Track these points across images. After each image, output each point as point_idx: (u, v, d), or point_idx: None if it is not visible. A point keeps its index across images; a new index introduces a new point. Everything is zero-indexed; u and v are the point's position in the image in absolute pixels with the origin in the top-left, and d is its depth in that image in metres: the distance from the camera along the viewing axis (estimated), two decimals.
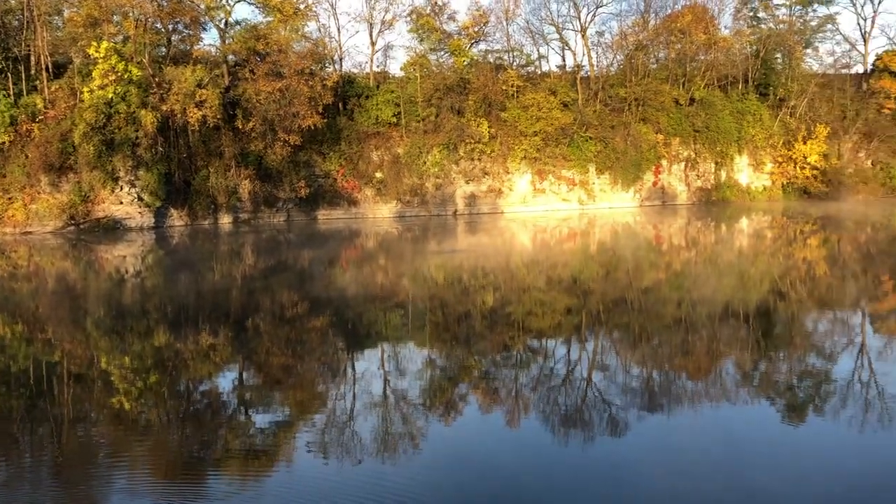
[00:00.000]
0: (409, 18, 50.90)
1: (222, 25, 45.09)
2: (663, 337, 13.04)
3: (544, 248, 29.10)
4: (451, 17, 51.41)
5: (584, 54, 54.50)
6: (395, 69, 60.10)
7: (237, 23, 45.65)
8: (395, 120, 47.34)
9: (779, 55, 59.25)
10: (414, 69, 48.65)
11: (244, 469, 7.49)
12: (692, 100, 54.06)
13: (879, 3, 63.53)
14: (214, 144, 41.99)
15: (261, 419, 9.13)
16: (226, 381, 11.15)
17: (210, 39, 62.69)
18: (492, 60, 51.62)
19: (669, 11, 55.83)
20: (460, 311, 16.03)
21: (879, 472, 6.98)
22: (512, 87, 48.63)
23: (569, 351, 12.42)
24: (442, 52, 51.00)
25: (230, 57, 44.09)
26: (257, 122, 40.68)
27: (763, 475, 6.90)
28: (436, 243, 31.59)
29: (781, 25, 60.66)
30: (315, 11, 46.81)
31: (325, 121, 43.18)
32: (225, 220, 41.82)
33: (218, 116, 39.90)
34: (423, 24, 49.85)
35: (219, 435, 8.48)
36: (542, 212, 47.84)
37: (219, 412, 9.41)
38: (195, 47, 44.37)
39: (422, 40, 50.72)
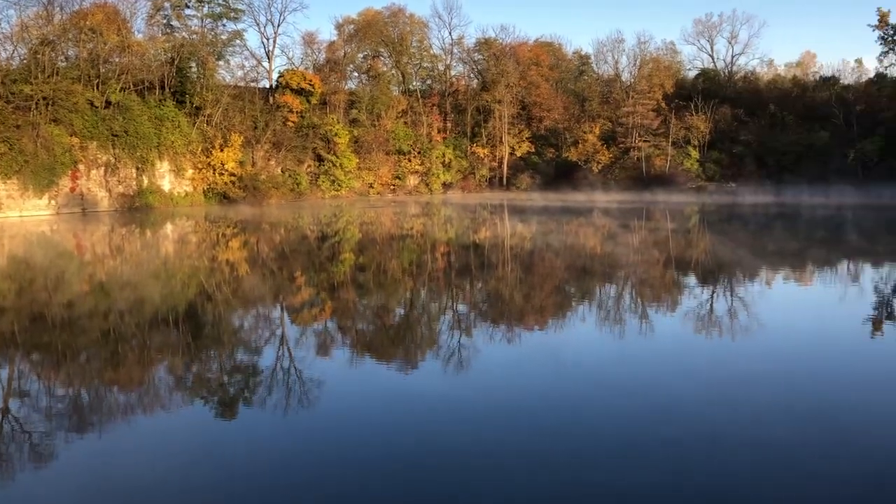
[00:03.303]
0: None
1: None
2: (91, 352, 12.23)
3: None
4: None
5: None
6: None
7: None
8: None
9: (193, 64, 61.22)
10: None
11: None
12: (108, 103, 52.13)
13: (279, 25, 70.60)
14: None
15: None
16: None
17: None
18: None
19: (77, 7, 52.75)
20: None
21: (305, 454, 7.70)
22: None
23: None
24: None
25: None
26: None
27: (203, 472, 7.01)
28: None
29: (194, 36, 62.79)
30: None
31: None
32: None
33: None
34: None
35: None
36: None
37: None
38: None
39: None
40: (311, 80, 67.41)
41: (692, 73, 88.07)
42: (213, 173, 58.06)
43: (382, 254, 26.64)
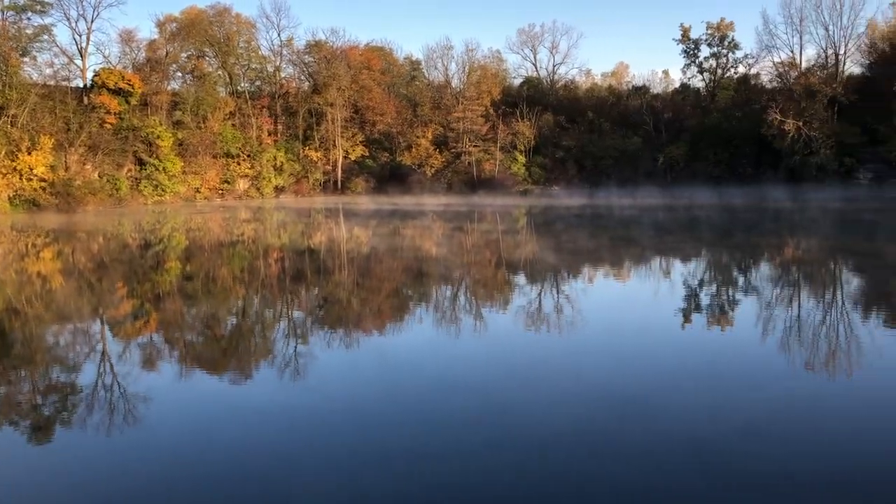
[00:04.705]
0: None
1: None
2: None
3: None
4: None
5: None
6: None
7: None
8: None
9: None
10: None
11: None
12: None
13: (93, 21, 66.29)
14: None
15: None
16: None
17: None
18: None
19: None
20: None
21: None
22: None
23: None
24: None
25: None
26: None
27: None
28: None
29: None
30: None
31: None
32: None
33: None
34: None
35: None
36: None
37: None
38: None
39: None
40: (129, 80, 63.81)
41: (517, 81, 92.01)
42: (20, 179, 53.53)
43: (211, 261, 25.76)
